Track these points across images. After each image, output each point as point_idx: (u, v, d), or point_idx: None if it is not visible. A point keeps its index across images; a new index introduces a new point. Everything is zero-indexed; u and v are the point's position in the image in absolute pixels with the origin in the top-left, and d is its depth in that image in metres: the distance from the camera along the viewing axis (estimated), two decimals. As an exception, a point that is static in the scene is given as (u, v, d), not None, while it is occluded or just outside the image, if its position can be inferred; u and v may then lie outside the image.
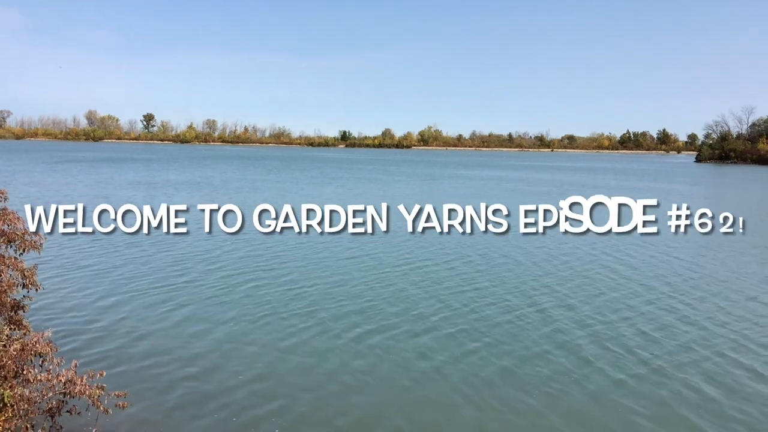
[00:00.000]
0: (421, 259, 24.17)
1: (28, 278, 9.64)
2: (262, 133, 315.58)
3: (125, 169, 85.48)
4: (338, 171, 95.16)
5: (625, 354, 14.07)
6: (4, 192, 10.11)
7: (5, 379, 8.14)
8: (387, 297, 18.36)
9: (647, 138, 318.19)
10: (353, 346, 14.32)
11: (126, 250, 24.92)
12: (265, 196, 49.08)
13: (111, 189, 53.36)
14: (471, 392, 12.01)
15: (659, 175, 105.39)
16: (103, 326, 15.36)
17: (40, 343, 8.59)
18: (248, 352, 13.89)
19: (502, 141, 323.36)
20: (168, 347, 14.07)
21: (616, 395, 11.98)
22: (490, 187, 66.85)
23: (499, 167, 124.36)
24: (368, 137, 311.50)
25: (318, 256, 24.39)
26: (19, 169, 78.03)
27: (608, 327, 15.95)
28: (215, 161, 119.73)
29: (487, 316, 16.63)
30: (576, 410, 11.37)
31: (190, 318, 16.27)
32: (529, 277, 21.32)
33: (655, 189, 69.08)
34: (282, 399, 11.57)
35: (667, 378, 12.79)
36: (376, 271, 21.93)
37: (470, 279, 20.90)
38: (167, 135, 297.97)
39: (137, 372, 12.64)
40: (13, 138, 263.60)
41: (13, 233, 9.77)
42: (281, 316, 16.39)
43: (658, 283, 21.05)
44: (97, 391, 8.51)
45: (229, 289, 19.05)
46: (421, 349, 14.21)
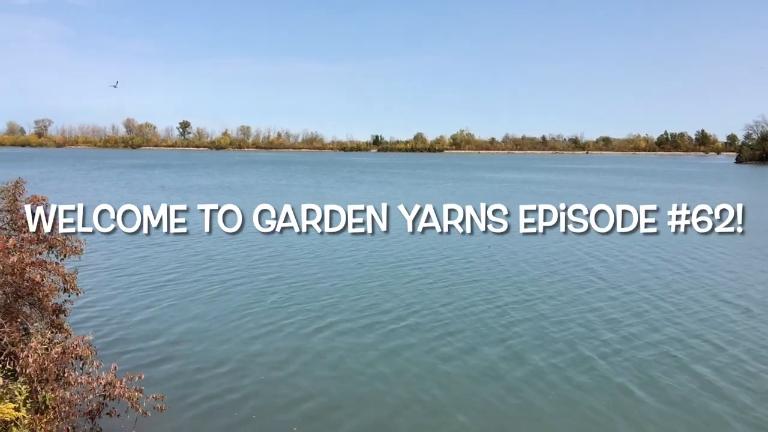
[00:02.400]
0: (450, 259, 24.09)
1: (69, 283, 9.87)
2: (294, 138, 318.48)
3: (156, 175, 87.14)
4: (363, 175, 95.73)
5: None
6: (45, 198, 10.37)
7: (47, 381, 8.31)
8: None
9: (685, 139, 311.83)
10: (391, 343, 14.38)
11: (150, 250, 25.49)
12: (291, 198, 49.39)
13: (140, 194, 54.38)
14: (512, 397, 11.92)
15: (709, 177, 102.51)
16: (138, 328, 15.65)
17: (81, 346, 8.76)
18: (280, 353, 13.99)
19: (535, 144, 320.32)
20: (201, 349, 14.26)
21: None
22: (509, 189, 66.25)
23: (527, 170, 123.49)
24: (400, 141, 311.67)
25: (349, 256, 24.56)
26: (53, 175, 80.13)
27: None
28: (245, 167, 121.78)
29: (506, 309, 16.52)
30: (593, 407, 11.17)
31: (222, 318, 16.51)
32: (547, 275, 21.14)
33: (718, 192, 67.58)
34: (314, 398, 11.61)
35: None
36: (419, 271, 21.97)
37: (486, 276, 20.81)
38: (203, 142, 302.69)
39: (173, 374, 12.83)
40: (54, 146, 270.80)
41: (55, 239, 10.02)
42: (310, 316, 16.49)
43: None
44: (135, 394, 8.64)
45: (263, 289, 19.25)
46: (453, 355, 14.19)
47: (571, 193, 61.97)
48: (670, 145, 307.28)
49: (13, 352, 8.65)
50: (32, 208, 10.15)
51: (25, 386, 7.91)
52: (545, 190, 67.73)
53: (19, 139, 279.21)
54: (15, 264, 9.01)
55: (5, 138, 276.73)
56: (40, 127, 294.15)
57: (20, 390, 7.79)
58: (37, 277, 9.24)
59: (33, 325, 9.39)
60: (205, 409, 11.31)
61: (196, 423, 10.81)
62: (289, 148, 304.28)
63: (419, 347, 14.58)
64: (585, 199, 54.75)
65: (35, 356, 8.22)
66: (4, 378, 7.86)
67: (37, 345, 8.39)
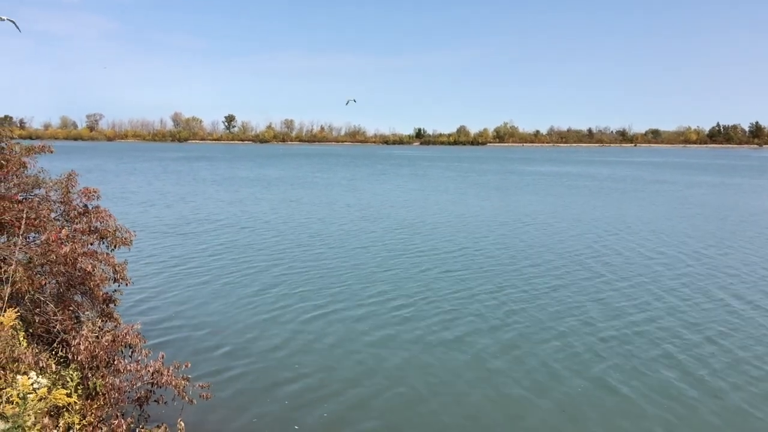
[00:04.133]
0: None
1: (119, 273, 10.10)
2: (337, 131, 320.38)
3: (197, 167, 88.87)
4: (398, 168, 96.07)
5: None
6: (97, 191, 10.63)
7: (97, 368, 8.52)
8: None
9: (738, 131, 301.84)
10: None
11: (197, 241, 25.91)
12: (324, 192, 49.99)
13: (192, 185, 55.47)
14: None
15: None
16: (185, 317, 15.94)
17: (130, 334, 8.96)
18: (322, 344, 14.09)
19: (581, 136, 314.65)
20: (247, 339, 14.45)
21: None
22: (538, 182, 65.20)
23: (567, 162, 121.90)
24: (443, 134, 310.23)
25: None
26: (100, 168, 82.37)
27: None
28: (283, 159, 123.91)
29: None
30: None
31: (270, 310, 16.69)
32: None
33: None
34: (345, 392, 11.65)
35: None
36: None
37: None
38: (247, 135, 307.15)
39: (218, 362, 13.02)
40: (104, 140, 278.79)
41: (106, 230, 10.26)
42: (351, 311, 16.54)
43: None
44: (182, 382, 8.79)
45: (305, 281, 19.40)
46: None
47: (597, 186, 60.64)
48: (723, 137, 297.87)
49: (66, 339, 8.90)
50: (84, 199, 10.42)
51: (76, 373, 8.12)
52: (581, 183, 66.46)
53: (71, 133, 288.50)
54: (68, 254, 9.25)
55: (59, 132, 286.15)
56: (92, 121, 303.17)
57: (72, 376, 8.00)
58: (88, 267, 9.47)
59: (84, 314, 9.64)
60: (249, 398, 11.44)
61: (241, 411, 10.95)
62: (332, 141, 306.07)
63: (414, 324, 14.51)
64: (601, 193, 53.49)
65: (86, 344, 8.43)
66: (56, 364, 8.09)
67: (89, 333, 8.61)
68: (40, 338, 9.20)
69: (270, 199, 46.16)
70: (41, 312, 9.32)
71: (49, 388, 7.17)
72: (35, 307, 9.34)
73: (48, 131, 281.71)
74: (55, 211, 10.42)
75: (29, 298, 9.21)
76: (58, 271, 9.48)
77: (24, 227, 9.49)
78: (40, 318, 9.28)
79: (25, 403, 6.33)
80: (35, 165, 10.73)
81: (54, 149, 11.26)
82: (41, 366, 7.74)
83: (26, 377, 6.47)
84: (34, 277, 9.17)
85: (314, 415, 10.89)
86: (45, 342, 9.16)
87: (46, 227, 9.78)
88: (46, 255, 9.26)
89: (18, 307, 8.78)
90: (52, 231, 9.55)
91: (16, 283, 8.84)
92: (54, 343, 8.96)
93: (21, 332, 8.35)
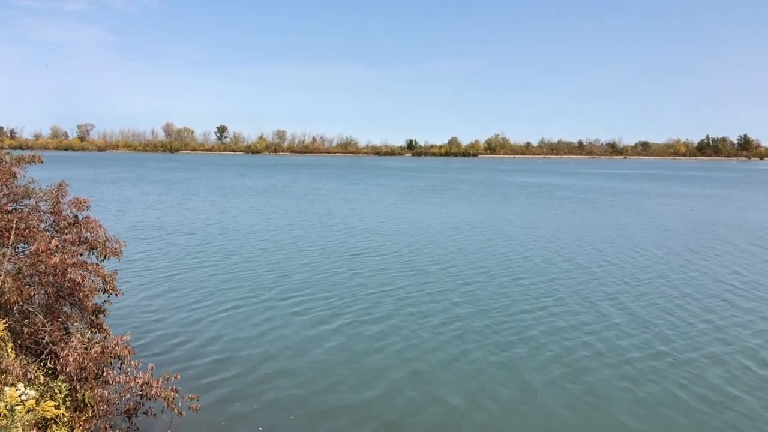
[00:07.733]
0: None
1: (108, 283, 10.02)
2: (329, 142, 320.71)
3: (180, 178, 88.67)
4: (382, 179, 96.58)
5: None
6: (87, 201, 10.58)
7: (86, 380, 8.44)
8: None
9: (727, 144, 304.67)
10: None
11: (187, 252, 25.72)
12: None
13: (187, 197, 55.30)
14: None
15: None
16: (175, 328, 15.84)
17: (120, 345, 8.89)
18: (316, 354, 14.03)
19: (571, 148, 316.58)
20: (237, 351, 14.37)
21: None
22: (524, 193, 65.59)
23: (556, 174, 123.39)
24: (435, 146, 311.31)
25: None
26: (84, 177, 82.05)
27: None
28: (272, 169, 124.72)
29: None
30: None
31: (255, 319, 16.65)
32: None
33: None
34: (340, 401, 11.61)
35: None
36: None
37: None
38: (239, 146, 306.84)
39: (208, 374, 12.94)
40: (95, 150, 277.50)
41: (96, 240, 10.19)
42: (345, 320, 16.52)
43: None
44: (172, 394, 8.72)
45: (298, 290, 19.35)
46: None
47: (576, 197, 61.03)
48: (711, 149, 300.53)
49: (54, 350, 8.82)
50: (74, 210, 10.37)
51: (65, 384, 8.04)
52: (562, 194, 67.04)
53: (62, 143, 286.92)
54: (57, 264, 9.18)
55: (49, 142, 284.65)
56: (83, 131, 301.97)
57: (60, 388, 7.93)
58: (78, 277, 9.39)
59: (73, 325, 9.55)
60: (239, 410, 11.36)
61: (229, 423, 10.87)
62: (323, 152, 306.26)
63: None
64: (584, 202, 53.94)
65: (75, 355, 8.36)
66: (45, 376, 8.01)
67: (77, 344, 8.54)
68: (28, 349, 9.11)
69: (259, 209, 46.15)
70: (30, 323, 9.24)
71: (37, 399, 7.09)
72: (24, 318, 9.26)
73: (39, 141, 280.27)
74: (44, 221, 10.35)
75: (18, 309, 9.13)
76: (48, 281, 9.41)
77: (14, 237, 9.43)
78: (28, 329, 9.19)
79: (13, 415, 6.27)
80: (25, 175, 10.68)
81: (44, 159, 11.22)
82: (29, 377, 7.67)
83: (14, 389, 6.40)
84: (23, 288, 9.09)
85: (307, 425, 10.83)
86: (33, 353, 9.06)
87: (36, 237, 9.72)
88: (36, 265, 9.19)
89: (6, 317, 8.71)
90: (41, 241, 9.49)
91: (4, 294, 8.77)
92: (42, 355, 8.88)
93: (9, 343, 8.27)
